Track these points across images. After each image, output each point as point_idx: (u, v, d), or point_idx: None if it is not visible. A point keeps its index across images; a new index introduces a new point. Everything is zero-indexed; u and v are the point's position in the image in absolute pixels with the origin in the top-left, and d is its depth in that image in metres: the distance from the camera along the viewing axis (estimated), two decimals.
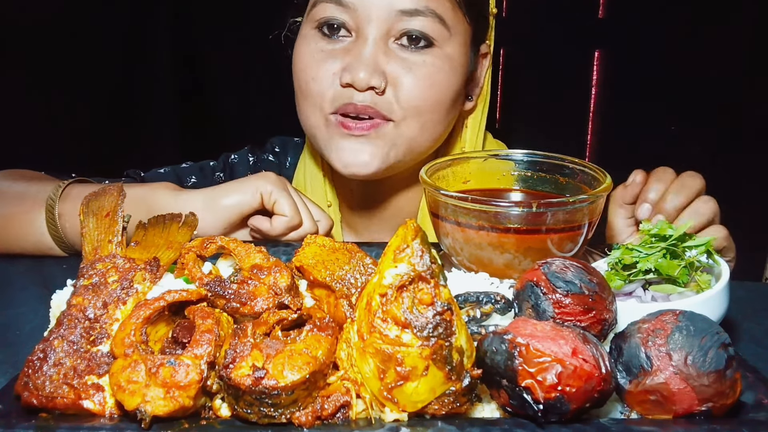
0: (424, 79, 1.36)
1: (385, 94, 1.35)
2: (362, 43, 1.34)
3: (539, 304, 0.87)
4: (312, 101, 1.40)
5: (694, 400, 0.79)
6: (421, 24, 1.34)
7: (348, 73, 1.33)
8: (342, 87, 1.36)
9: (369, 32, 1.34)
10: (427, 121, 1.40)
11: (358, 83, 1.33)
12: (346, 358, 0.83)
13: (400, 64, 1.36)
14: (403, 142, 1.40)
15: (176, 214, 1.11)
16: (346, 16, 1.35)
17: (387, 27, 1.34)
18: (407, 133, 1.39)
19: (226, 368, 0.79)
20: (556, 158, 1.26)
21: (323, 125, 1.40)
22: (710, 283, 1.02)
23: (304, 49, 1.41)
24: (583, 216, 1.11)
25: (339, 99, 1.36)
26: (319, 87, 1.38)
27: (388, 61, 1.35)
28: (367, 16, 1.34)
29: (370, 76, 1.32)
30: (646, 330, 0.83)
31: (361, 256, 0.95)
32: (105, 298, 0.92)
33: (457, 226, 1.11)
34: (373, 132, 1.37)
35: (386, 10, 1.33)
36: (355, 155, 1.38)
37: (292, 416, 0.79)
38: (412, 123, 1.38)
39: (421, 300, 0.79)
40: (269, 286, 0.90)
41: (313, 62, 1.38)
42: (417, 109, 1.37)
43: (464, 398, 0.80)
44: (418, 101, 1.37)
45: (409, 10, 1.33)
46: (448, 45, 1.38)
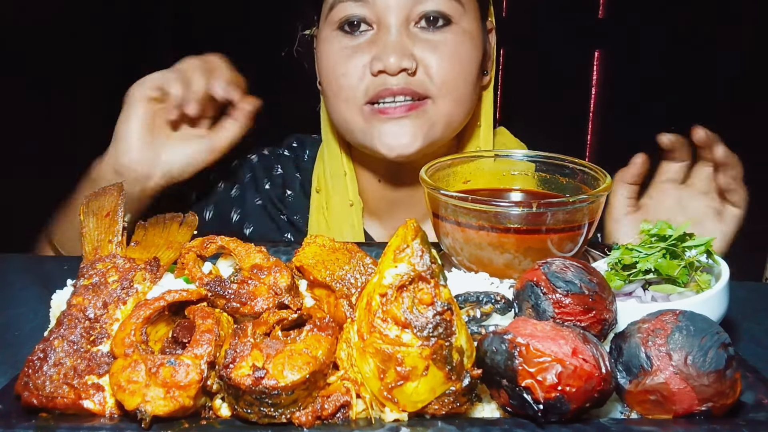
0: (451, 55, 1.42)
1: (417, 75, 1.40)
2: (385, 32, 1.40)
3: (539, 304, 0.87)
4: (345, 96, 1.45)
5: (694, 400, 0.79)
6: (437, 4, 1.41)
7: (379, 61, 1.39)
8: (374, 76, 1.41)
9: (390, 21, 1.40)
10: (460, 95, 1.46)
11: (390, 68, 1.38)
12: (346, 358, 0.83)
13: (425, 45, 1.41)
14: (441, 118, 1.45)
15: (176, 214, 1.11)
16: (365, 10, 1.41)
17: (406, 12, 1.40)
18: (444, 109, 1.44)
19: (226, 368, 0.79)
20: (556, 158, 1.26)
21: (359, 117, 1.45)
22: (710, 283, 1.02)
23: (329, 50, 1.46)
24: (583, 216, 1.11)
25: (373, 88, 1.41)
26: (351, 81, 1.43)
27: (414, 43, 1.41)
28: (386, 6, 1.40)
29: (400, 59, 1.38)
30: (646, 330, 0.83)
31: (361, 256, 0.95)
32: (105, 298, 0.92)
33: (457, 226, 1.11)
34: (412, 113, 1.42)
35: None
36: (397, 138, 1.42)
37: (292, 416, 0.79)
38: (447, 99, 1.44)
39: (421, 300, 0.79)
40: (269, 286, 0.90)
41: (341, 59, 1.43)
42: (449, 84, 1.43)
43: (464, 398, 0.80)
44: (449, 77, 1.42)
45: None
46: (464, 20, 1.45)
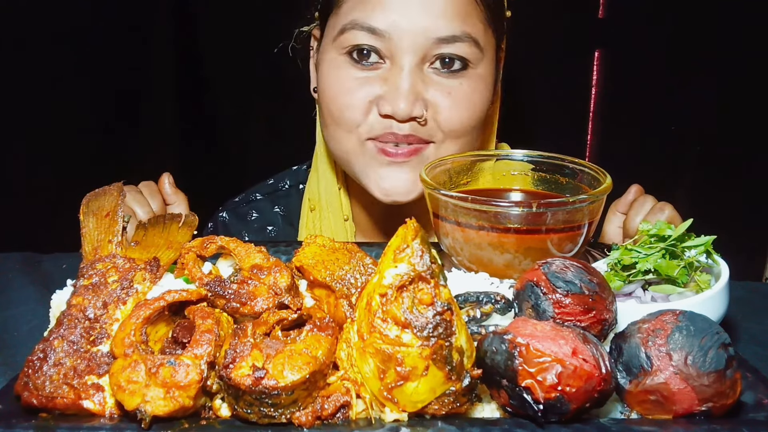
0: (463, 102, 1.36)
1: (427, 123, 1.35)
2: (398, 72, 1.32)
3: (539, 304, 0.87)
4: (346, 128, 1.38)
5: (694, 400, 0.79)
6: (458, 49, 1.33)
7: (388, 104, 1.32)
8: (381, 117, 1.35)
9: (405, 61, 1.32)
10: (465, 141, 1.41)
11: (400, 115, 1.31)
12: (346, 358, 0.83)
13: (438, 90, 1.35)
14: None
15: (176, 215, 1.11)
16: (379, 43, 1.33)
17: (423, 54, 1.33)
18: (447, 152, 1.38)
19: (226, 368, 0.79)
20: (556, 158, 1.26)
21: (359, 151, 1.39)
22: (710, 283, 1.02)
23: (334, 76, 1.38)
24: (583, 216, 1.11)
25: (377, 128, 1.35)
26: (355, 115, 1.36)
27: (427, 88, 1.34)
28: (403, 44, 1.31)
29: (411, 107, 1.31)
30: (646, 330, 0.83)
31: (361, 256, 0.95)
32: (105, 298, 0.92)
33: (457, 226, 1.11)
34: (414, 158, 1.37)
35: (423, 37, 1.31)
36: (395, 183, 1.37)
37: (292, 416, 0.79)
38: (451, 144, 1.39)
39: (421, 300, 0.79)
40: (269, 286, 0.90)
41: (346, 91, 1.36)
42: (457, 132, 1.38)
43: (464, 398, 0.80)
44: (458, 124, 1.37)
45: (446, 37, 1.32)
46: (481, 65, 1.39)
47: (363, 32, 1.32)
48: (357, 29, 1.32)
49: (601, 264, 1.10)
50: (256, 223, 1.66)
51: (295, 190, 1.68)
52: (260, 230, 1.65)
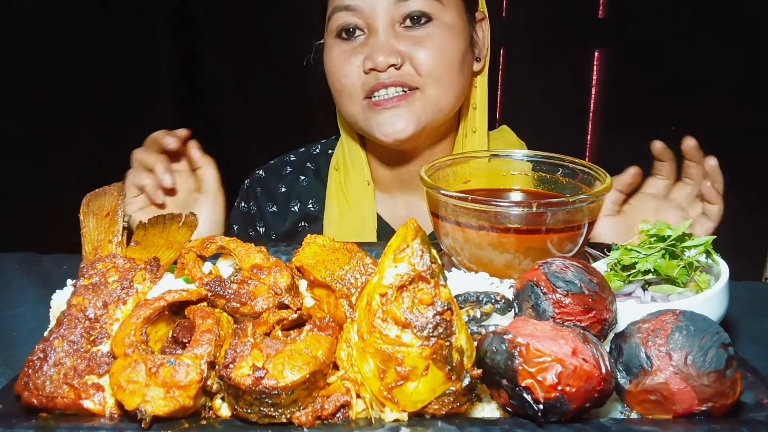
0: (433, 47, 1.58)
1: (404, 68, 1.57)
2: (374, 35, 1.58)
3: (539, 304, 0.87)
4: (347, 94, 1.63)
5: (694, 400, 0.79)
6: (416, 5, 1.57)
7: (369, 60, 1.56)
8: (366, 74, 1.58)
9: (378, 24, 1.58)
10: (446, 82, 1.61)
11: (379, 65, 1.55)
12: (346, 358, 0.83)
13: (409, 41, 1.58)
14: (431, 104, 1.60)
15: (176, 214, 1.11)
16: (356, 18, 1.59)
17: (390, 16, 1.58)
18: (433, 95, 1.60)
19: (226, 368, 0.79)
20: (556, 158, 1.26)
21: (361, 111, 1.62)
22: (710, 283, 1.02)
23: (331, 55, 1.64)
24: (583, 216, 1.11)
25: (368, 83, 1.59)
26: (350, 80, 1.61)
27: (399, 41, 1.58)
28: (373, 12, 1.57)
29: (387, 57, 1.55)
30: (646, 330, 0.83)
31: (361, 256, 0.95)
32: (105, 298, 0.92)
33: (457, 226, 1.11)
34: (403, 102, 1.58)
35: (386, 2, 1.57)
36: (392, 125, 1.58)
37: (292, 416, 0.79)
38: (434, 86, 1.59)
39: (421, 300, 0.79)
40: (269, 286, 0.90)
41: (340, 63, 1.62)
42: (434, 74, 1.58)
43: (464, 398, 0.80)
44: (433, 67, 1.58)
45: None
46: (444, 15, 1.61)
47: (342, 12, 1.60)
48: (338, 11, 1.61)
49: (601, 264, 1.10)
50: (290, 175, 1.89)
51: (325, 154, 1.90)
52: (294, 180, 1.88)
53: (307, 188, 1.85)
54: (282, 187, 1.87)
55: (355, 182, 1.78)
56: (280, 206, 1.85)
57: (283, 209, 1.85)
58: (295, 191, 1.85)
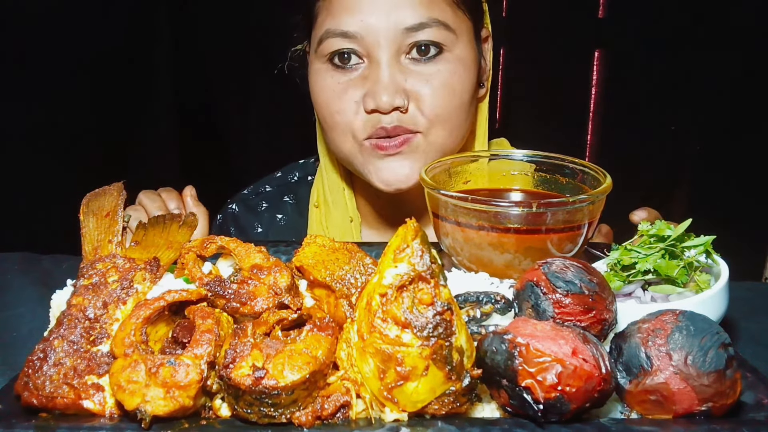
0: (442, 87, 1.40)
1: (409, 111, 1.39)
2: (376, 67, 1.38)
3: (539, 304, 0.87)
4: (341, 131, 1.45)
5: (694, 400, 0.79)
6: (428, 35, 1.37)
7: (371, 99, 1.37)
8: (367, 114, 1.40)
9: (381, 55, 1.37)
10: (453, 126, 1.45)
11: (383, 107, 1.37)
12: (346, 358, 0.83)
13: (417, 78, 1.39)
14: (435, 149, 1.44)
15: (176, 214, 1.11)
16: (354, 44, 1.38)
17: (396, 46, 1.38)
18: (437, 140, 1.43)
19: (226, 368, 0.79)
20: (556, 158, 1.26)
21: (358, 151, 1.45)
22: (709, 283, 1.02)
23: (321, 84, 1.44)
24: (583, 216, 1.11)
25: (368, 125, 1.41)
26: (345, 118, 1.42)
27: (406, 78, 1.39)
28: (375, 40, 1.37)
29: (392, 98, 1.36)
30: (646, 330, 0.83)
31: (361, 256, 0.95)
32: (105, 298, 0.92)
33: (457, 226, 1.11)
34: (405, 147, 1.42)
35: (393, 30, 1.36)
36: (394, 172, 1.43)
37: (292, 416, 0.79)
38: (439, 130, 1.43)
39: (421, 300, 0.79)
40: (269, 286, 0.90)
41: (334, 96, 1.42)
42: (441, 117, 1.42)
43: (464, 398, 0.80)
44: (441, 109, 1.41)
45: (414, 25, 1.36)
46: (456, 47, 1.41)
47: (337, 38, 1.39)
48: (331, 36, 1.39)
49: (601, 264, 1.10)
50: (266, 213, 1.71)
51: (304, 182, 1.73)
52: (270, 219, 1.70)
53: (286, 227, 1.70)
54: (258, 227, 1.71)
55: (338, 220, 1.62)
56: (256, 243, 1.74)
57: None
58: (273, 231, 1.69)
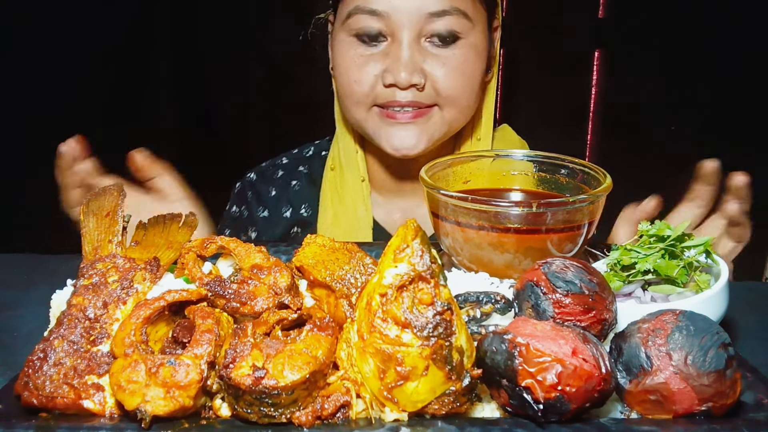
0: (457, 69, 1.53)
1: (425, 89, 1.52)
2: (398, 46, 1.50)
3: (539, 304, 0.87)
4: (356, 100, 1.57)
5: (694, 399, 0.79)
6: (448, 22, 1.50)
7: (390, 74, 1.50)
8: (385, 87, 1.52)
9: (403, 36, 1.50)
10: (464, 105, 1.59)
11: (401, 83, 1.49)
12: (346, 357, 0.83)
13: (434, 60, 1.52)
14: (445, 123, 1.58)
15: (176, 214, 1.11)
16: (381, 23, 1.51)
17: (419, 29, 1.50)
18: (448, 117, 1.57)
19: (226, 368, 0.79)
20: (556, 158, 1.27)
21: (369, 117, 1.58)
22: (709, 282, 1.02)
23: (344, 54, 1.56)
24: (583, 216, 1.11)
25: (382, 97, 1.53)
26: (363, 88, 1.55)
27: (424, 59, 1.51)
28: (400, 21, 1.49)
29: (410, 76, 1.49)
30: (646, 330, 0.83)
31: (361, 256, 0.95)
32: (105, 298, 0.92)
33: (457, 226, 1.11)
34: (418, 119, 1.55)
35: (417, 14, 1.49)
36: (402, 140, 1.55)
37: (292, 416, 0.79)
38: (451, 108, 1.56)
39: (421, 300, 0.79)
40: (269, 286, 0.90)
41: (355, 66, 1.55)
42: (454, 97, 1.55)
43: (464, 398, 0.80)
44: (454, 90, 1.54)
45: (437, 11, 1.49)
46: (471, 35, 1.55)
47: (366, 15, 1.51)
48: (360, 13, 1.51)
49: (600, 264, 1.10)
50: (281, 179, 1.83)
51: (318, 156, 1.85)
52: (285, 185, 1.81)
53: (299, 193, 1.80)
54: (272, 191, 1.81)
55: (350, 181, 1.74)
56: (271, 211, 1.80)
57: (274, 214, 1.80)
58: (286, 196, 1.80)
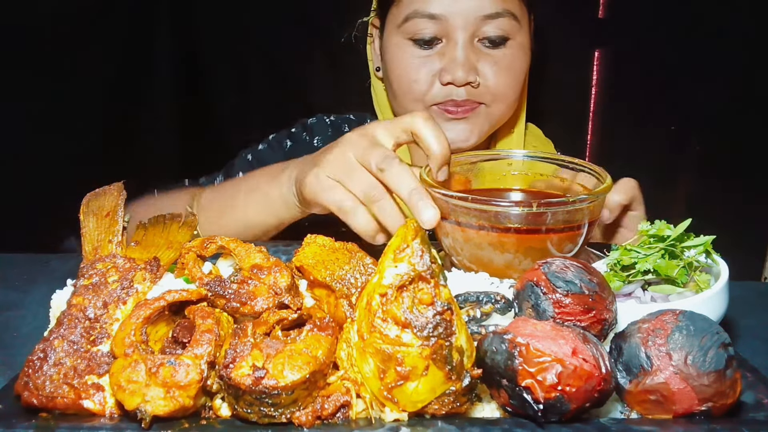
0: (508, 69, 1.65)
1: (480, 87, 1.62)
2: (453, 47, 1.60)
3: (539, 304, 0.88)
4: (413, 98, 1.67)
5: (694, 399, 0.79)
6: (500, 24, 1.61)
7: (448, 73, 1.60)
8: (442, 85, 1.62)
9: (458, 37, 1.60)
10: (511, 101, 1.71)
11: (458, 81, 1.60)
12: (346, 357, 0.83)
13: (487, 60, 1.63)
14: (493, 119, 1.70)
15: (176, 214, 1.11)
16: (437, 26, 1.60)
17: (473, 30, 1.60)
18: (497, 112, 1.69)
19: (226, 368, 0.79)
20: (555, 158, 1.27)
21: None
22: (709, 282, 1.02)
23: (399, 57, 1.67)
24: (583, 216, 1.11)
25: (440, 95, 1.64)
26: (421, 87, 1.64)
27: (478, 59, 1.62)
28: (455, 23, 1.59)
29: (467, 74, 1.59)
30: (646, 330, 0.83)
31: (361, 256, 0.95)
32: (105, 297, 0.92)
33: (457, 225, 1.11)
34: (470, 115, 1.66)
35: (472, 16, 1.59)
36: (457, 134, 1.66)
37: (292, 416, 0.79)
38: (500, 104, 1.68)
39: (421, 300, 0.79)
40: (269, 286, 0.90)
41: (412, 68, 1.64)
42: (503, 93, 1.66)
43: (464, 398, 0.80)
44: (504, 87, 1.66)
45: (491, 13, 1.60)
46: (519, 35, 1.66)
47: (424, 19, 1.60)
48: (418, 17, 1.61)
49: (601, 264, 1.10)
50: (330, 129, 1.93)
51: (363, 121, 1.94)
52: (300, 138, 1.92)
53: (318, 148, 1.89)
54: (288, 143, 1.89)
55: None
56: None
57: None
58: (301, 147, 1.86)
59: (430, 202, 1.11)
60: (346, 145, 1.22)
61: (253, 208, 1.45)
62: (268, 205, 1.42)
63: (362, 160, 1.18)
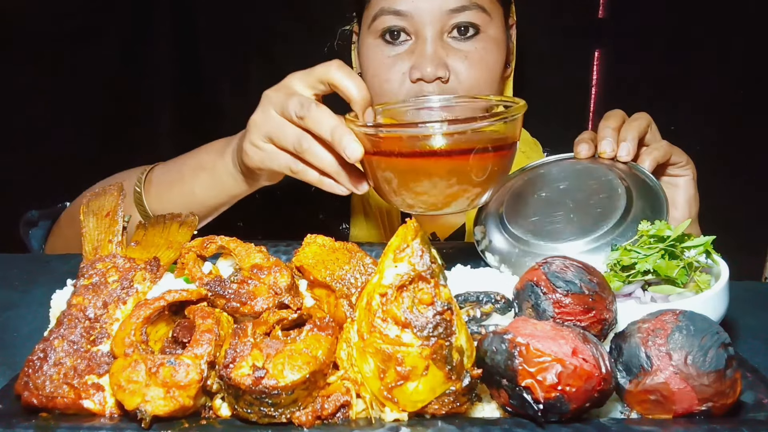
0: (479, 62, 1.62)
1: (450, 82, 1.59)
2: (422, 43, 1.59)
3: (539, 304, 0.88)
4: (387, 98, 1.63)
5: (694, 399, 0.79)
6: (467, 16, 1.59)
7: (417, 70, 1.58)
8: (412, 83, 1.60)
9: (426, 33, 1.59)
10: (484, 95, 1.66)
11: (427, 77, 1.57)
12: (346, 357, 0.83)
13: (457, 55, 1.60)
14: None
15: (176, 214, 1.11)
16: (404, 22, 1.60)
17: (440, 25, 1.59)
18: None
19: (226, 368, 0.79)
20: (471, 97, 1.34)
21: None
22: (710, 283, 1.02)
23: (372, 57, 1.66)
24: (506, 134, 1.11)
25: (411, 93, 1.61)
26: (392, 86, 1.63)
27: (447, 53, 1.60)
28: (422, 19, 1.58)
29: (436, 69, 1.56)
30: (646, 330, 0.83)
31: (361, 256, 0.95)
32: (105, 297, 0.92)
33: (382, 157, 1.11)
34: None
35: (438, 11, 1.58)
36: None
37: (292, 416, 0.79)
38: None
39: (421, 300, 0.79)
40: (269, 286, 0.90)
41: (383, 67, 1.63)
42: (475, 87, 1.62)
43: (464, 398, 0.80)
44: (475, 81, 1.62)
45: (457, 7, 1.59)
46: (490, 28, 1.64)
47: (390, 15, 1.60)
48: (385, 14, 1.61)
49: (601, 264, 1.10)
50: None
51: None
52: None
53: None
54: None
55: None
56: None
57: None
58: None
59: (352, 137, 1.12)
60: (266, 103, 1.22)
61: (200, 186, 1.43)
62: (217, 183, 1.41)
63: (283, 113, 1.19)
